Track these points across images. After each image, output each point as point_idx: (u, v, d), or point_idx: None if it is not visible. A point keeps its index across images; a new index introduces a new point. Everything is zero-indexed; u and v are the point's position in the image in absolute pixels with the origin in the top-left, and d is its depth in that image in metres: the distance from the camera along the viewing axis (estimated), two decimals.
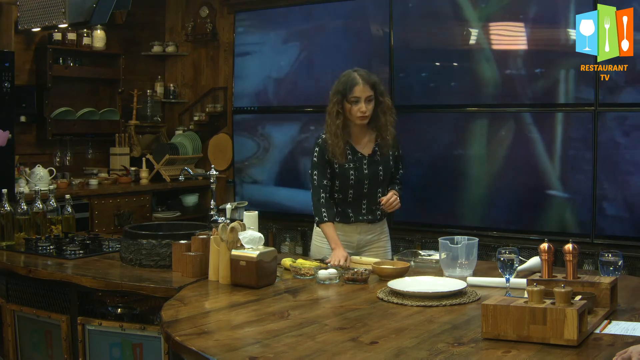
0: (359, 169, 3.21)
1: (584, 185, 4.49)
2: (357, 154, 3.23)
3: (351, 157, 3.21)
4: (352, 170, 3.20)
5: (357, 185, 3.22)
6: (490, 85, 4.82)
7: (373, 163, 3.24)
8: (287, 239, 5.73)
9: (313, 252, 3.38)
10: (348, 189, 3.23)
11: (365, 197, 3.26)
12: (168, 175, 5.90)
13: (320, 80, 5.54)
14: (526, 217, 4.72)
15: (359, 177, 3.21)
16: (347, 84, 3.15)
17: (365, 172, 3.22)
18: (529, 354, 1.77)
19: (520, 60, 4.72)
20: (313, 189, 3.25)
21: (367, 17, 5.32)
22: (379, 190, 3.27)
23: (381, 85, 3.23)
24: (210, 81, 6.34)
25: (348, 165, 3.20)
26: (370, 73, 3.22)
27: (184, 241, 2.83)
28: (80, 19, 3.86)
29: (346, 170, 3.21)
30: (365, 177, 3.22)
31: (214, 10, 6.24)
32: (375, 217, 3.30)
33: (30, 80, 5.35)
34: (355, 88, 3.12)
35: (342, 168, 3.21)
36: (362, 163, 3.22)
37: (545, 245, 2.20)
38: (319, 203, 3.20)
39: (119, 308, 2.90)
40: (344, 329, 2.03)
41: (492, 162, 4.87)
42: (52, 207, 3.55)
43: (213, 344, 1.89)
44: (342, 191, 3.24)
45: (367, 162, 3.23)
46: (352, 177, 3.20)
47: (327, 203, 3.20)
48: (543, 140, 4.66)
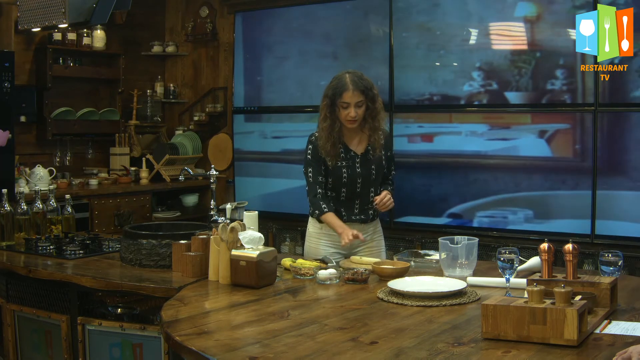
0: (352, 168, 3.21)
1: (584, 185, 4.49)
2: (350, 152, 3.23)
3: (344, 156, 3.21)
4: (345, 169, 3.21)
5: (349, 184, 3.22)
6: (490, 85, 4.81)
7: (366, 162, 3.24)
8: (287, 239, 5.73)
9: (307, 253, 3.37)
10: (341, 188, 3.23)
11: (358, 196, 3.26)
12: (168, 175, 5.90)
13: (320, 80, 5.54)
14: (526, 217, 4.72)
15: (352, 176, 3.21)
16: (337, 88, 3.14)
17: (358, 171, 3.22)
18: (529, 354, 1.77)
19: (520, 60, 4.72)
20: (309, 185, 3.25)
21: (367, 17, 5.32)
22: (372, 189, 3.28)
23: (373, 90, 3.19)
24: (210, 81, 6.34)
25: (341, 164, 3.20)
26: (363, 77, 3.19)
27: (184, 241, 2.83)
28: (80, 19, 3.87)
29: (339, 169, 3.21)
30: (358, 176, 3.22)
31: (214, 10, 6.25)
32: (368, 217, 3.30)
33: (30, 80, 5.35)
34: (345, 94, 3.12)
35: (335, 167, 3.21)
36: (355, 162, 3.22)
37: (545, 245, 2.20)
38: (316, 198, 3.20)
39: (119, 308, 2.90)
40: (344, 329, 2.03)
41: (492, 162, 4.87)
42: (52, 207, 3.55)
43: (213, 344, 1.89)
44: (334, 189, 3.24)
45: (360, 161, 3.23)
46: (344, 176, 3.21)
47: (323, 197, 3.21)
48: (543, 140, 4.66)
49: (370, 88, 3.18)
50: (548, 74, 4.60)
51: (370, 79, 3.30)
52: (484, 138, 4.88)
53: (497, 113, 4.82)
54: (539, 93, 4.65)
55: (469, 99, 4.90)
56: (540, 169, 4.68)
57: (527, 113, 4.70)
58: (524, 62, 4.70)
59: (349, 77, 3.14)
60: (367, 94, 3.15)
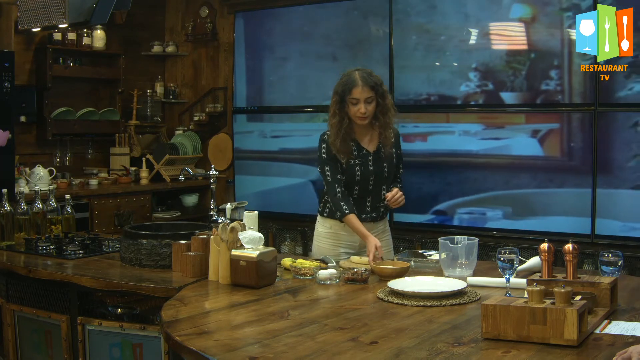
0: (365, 165, 3.22)
1: (584, 185, 4.49)
2: (362, 150, 3.24)
3: (357, 154, 3.22)
4: (358, 167, 3.21)
5: (362, 182, 3.23)
6: (490, 85, 4.81)
7: (378, 160, 3.25)
8: (287, 239, 5.73)
9: (315, 253, 3.37)
10: (354, 186, 3.23)
11: (370, 194, 3.26)
12: (168, 175, 5.89)
13: (320, 80, 5.54)
14: (526, 217, 4.72)
15: (365, 174, 3.22)
16: (347, 85, 3.15)
17: (371, 169, 3.22)
18: (529, 354, 1.77)
19: (520, 60, 4.72)
20: (327, 185, 3.23)
21: (367, 17, 5.32)
22: (383, 187, 3.27)
23: (382, 86, 3.21)
24: (210, 81, 6.34)
25: (354, 162, 3.21)
26: (372, 74, 3.21)
27: (184, 241, 2.83)
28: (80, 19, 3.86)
29: (352, 167, 3.21)
30: (371, 174, 3.22)
31: (214, 10, 6.25)
32: (379, 215, 3.30)
33: (30, 80, 5.35)
34: (354, 90, 3.12)
35: (348, 164, 3.21)
36: (367, 160, 3.23)
37: (545, 245, 2.20)
38: (336, 198, 3.18)
39: (119, 308, 2.90)
40: (344, 329, 2.03)
41: (493, 162, 4.87)
42: (52, 207, 3.55)
43: (213, 344, 1.89)
44: (347, 187, 3.24)
45: (373, 158, 3.24)
46: (357, 174, 3.21)
47: (343, 197, 3.19)
48: (543, 140, 4.66)
49: (380, 84, 3.19)
50: (547, 73, 4.61)
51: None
52: (484, 138, 4.89)
53: (497, 112, 4.82)
54: (539, 93, 4.65)
55: (469, 99, 4.90)
56: (540, 169, 4.68)
57: (528, 113, 4.71)
58: (524, 62, 4.70)
59: (358, 74, 3.16)
60: (377, 90, 3.16)
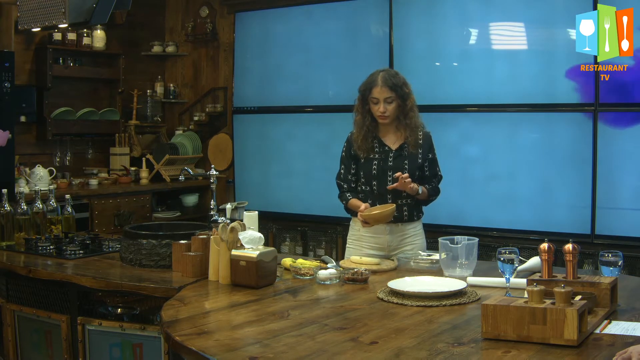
0: (384, 160, 3.23)
1: (584, 185, 4.49)
2: (384, 147, 3.25)
3: (378, 150, 3.24)
4: (376, 162, 3.23)
5: (379, 177, 3.22)
6: (490, 85, 4.81)
7: (399, 157, 3.24)
8: (287, 239, 5.73)
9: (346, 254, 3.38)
10: (372, 180, 3.24)
11: (390, 191, 3.21)
12: (168, 175, 5.90)
13: (320, 80, 5.55)
14: (526, 217, 4.72)
15: (383, 168, 3.22)
16: (368, 84, 3.21)
17: (390, 164, 3.22)
18: (529, 354, 1.77)
19: (520, 60, 4.72)
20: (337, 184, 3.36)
21: (367, 17, 5.32)
22: None
23: (404, 88, 3.21)
24: (210, 81, 6.34)
25: (372, 157, 3.24)
26: (395, 75, 3.23)
27: (184, 241, 2.83)
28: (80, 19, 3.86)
29: (370, 161, 3.24)
30: (389, 169, 3.21)
31: (214, 10, 6.25)
32: (402, 216, 3.24)
33: (30, 80, 5.35)
34: (374, 90, 3.18)
35: (367, 159, 3.24)
36: (388, 156, 3.24)
37: (545, 245, 2.20)
38: (343, 188, 3.31)
39: (119, 308, 2.90)
40: (344, 329, 2.03)
41: (493, 162, 4.87)
42: (52, 207, 3.55)
43: (213, 344, 1.89)
44: (367, 183, 3.26)
45: (394, 155, 3.24)
46: (374, 168, 3.22)
47: (350, 189, 3.30)
48: (543, 140, 4.67)
49: (401, 86, 3.20)
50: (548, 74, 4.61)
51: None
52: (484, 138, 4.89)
53: (498, 113, 4.82)
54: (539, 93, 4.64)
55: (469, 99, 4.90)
56: (540, 169, 4.68)
57: (528, 113, 4.71)
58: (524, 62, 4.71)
59: (380, 74, 3.20)
60: (397, 90, 3.17)
